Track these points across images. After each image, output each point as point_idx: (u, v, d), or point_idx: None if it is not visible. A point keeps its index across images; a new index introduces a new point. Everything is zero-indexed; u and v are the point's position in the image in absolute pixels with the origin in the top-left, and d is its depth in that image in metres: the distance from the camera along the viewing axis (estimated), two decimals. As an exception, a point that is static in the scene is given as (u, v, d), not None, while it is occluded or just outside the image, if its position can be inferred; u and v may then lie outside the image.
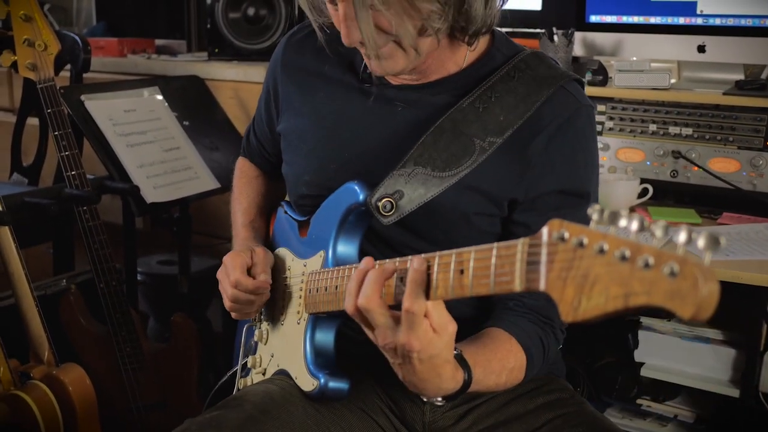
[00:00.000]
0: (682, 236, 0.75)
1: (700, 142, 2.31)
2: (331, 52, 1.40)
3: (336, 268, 1.27)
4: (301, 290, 1.36)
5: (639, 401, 2.17)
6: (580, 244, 0.80)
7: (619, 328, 2.13)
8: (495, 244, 0.94)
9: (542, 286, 0.85)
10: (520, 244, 0.90)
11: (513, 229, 1.31)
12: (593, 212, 0.81)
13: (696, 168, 2.29)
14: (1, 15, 2.02)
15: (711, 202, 2.32)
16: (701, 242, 0.74)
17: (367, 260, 1.10)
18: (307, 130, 1.42)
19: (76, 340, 2.24)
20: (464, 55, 1.31)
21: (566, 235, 0.83)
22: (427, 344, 1.03)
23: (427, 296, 1.02)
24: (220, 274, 1.41)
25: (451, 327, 1.05)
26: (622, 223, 0.78)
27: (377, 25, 1.17)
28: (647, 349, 2.13)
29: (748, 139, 2.25)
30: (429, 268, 1.03)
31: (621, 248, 0.76)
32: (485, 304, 1.34)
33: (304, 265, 1.37)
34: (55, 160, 2.60)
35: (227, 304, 1.40)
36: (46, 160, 2.58)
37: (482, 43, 1.33)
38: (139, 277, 2.62)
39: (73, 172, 2.09)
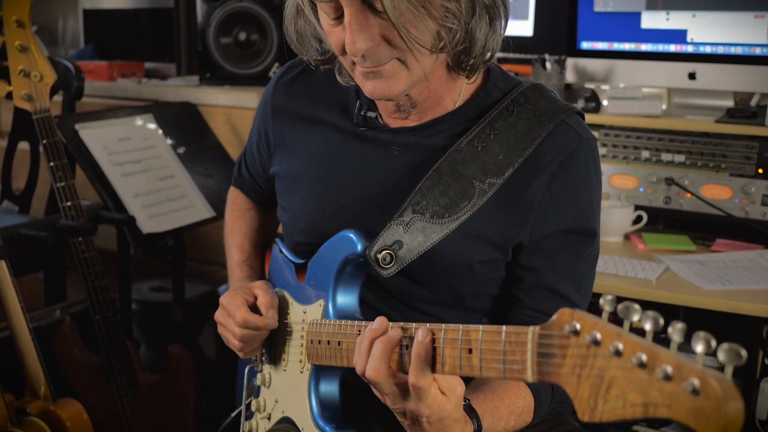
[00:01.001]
0: (700, 347, 0.70)
1: (693, 169, 2.33)
2: (323, 93, 1.37)
3: (338, 321, 1.24)
4: (302, 338, 1.33)
5: (635, 427, 2.17)
6: (594, 342, 0.77)
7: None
8: (504, 328, 0.92)
9: (556, 379, 0.82)
10: (530, 333, 0.88)
11: (520, 274, 1.28)
12: (605, 303, 0.79)
13: (689, 195, 2.32)
14: (-4, 46, 2.00)
15: (704, 228, 2.35)
16: (722, 355, 0.69)
17: (380, 321, 1.08)
18: (301, 175, 1.39)
19: (71, 372, 2.21)
20: (460, 90, 1.27)
21: (578, 327, 0.80)
22: (437, 409, 1.02)
23: (434, 369, 1.01)
24: (220, 317, 1.38)
25: (460, 389, 1.04)
26: (635, 317, 0.75)
27: (385, 37, 1.12)
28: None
29: (739, 167, 2.28)
30: (435, 340, 1.01)
31: (638, 353, 0.72)
32: None
33: (304, 312, 1.34)
34: (45, 186, 2.59)
35: (235, 344, 1.38)
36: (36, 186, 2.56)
37: (478, 78, 1.28)
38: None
39: (68, 203, 2.07)
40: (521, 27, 2.73)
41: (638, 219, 2.32)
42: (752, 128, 2.23)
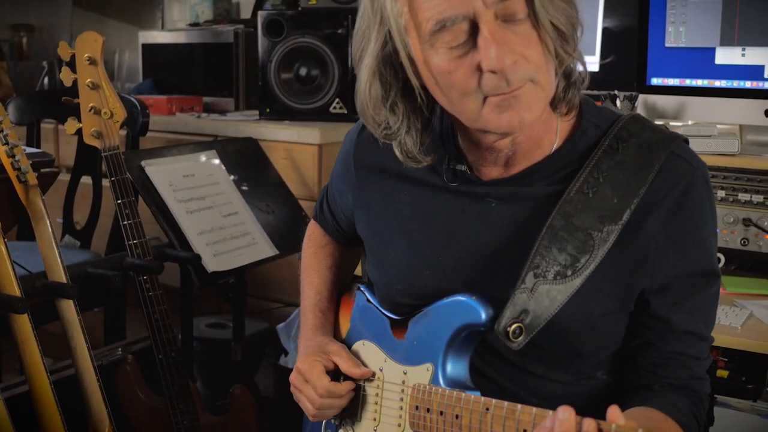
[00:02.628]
0: None
1: (772, 209, 2.25)
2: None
3: (453, 391, 1.18)
4: (402, 401, 1.27)
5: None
6: None
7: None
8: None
9: None
10: None
11: (652, 324, 1.21)
12: None
13: (768, 236, 2.23)
14: (67, 82, 2.00)
15: (784, 271, 2.26)
16: None
17: (566, 412, 0.95)
18: (391, 235, 1.32)
19: (132, 412, 2.18)
20: (556, 130, 1.19)
21: None
22: None
23: None
24: (296, 382, 1.35)
25: None
26: None
27: (521, 53, 1.05)
28: (723, 427, 2.05)
29: (821, 207, 2.19)
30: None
31: None
32: (618, 390, 1.26)
33: (405, 373, 1.28)
34: (105, 220, 2.59)
35: (311, 411, 1.34)
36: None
37: (571, 116, 1.20)
38: (190, 342, 2.57)
39: (135, 241, 2.05)
40: (588, 62, 2.67)
41: (715, 261, 2.24)
42: (836, 168, 2.14)
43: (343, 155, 1.42)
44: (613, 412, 0.93)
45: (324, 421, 1.44)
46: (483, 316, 1.17)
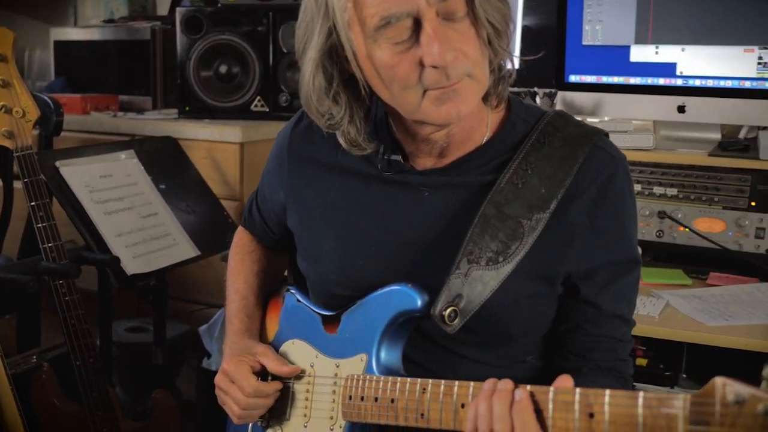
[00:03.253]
0: None
1: (686, 202, 2.32)
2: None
3: (388, 378, 1.19)
4: (334, 393, 1.27)
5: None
6: (767, 413, 0.77)
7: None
8: (641, 393, 0.90)
9: None
10: (681, 400, 0.86)
11: (582, 307, 1.25)
12: (767, 373, 0.79)
13: (682, 228, 2.30)
14: (-25, 80, 1.92)
15: (698, 262, 2.32)
16: None
17: (506, 383, 1.04)
18: (324, 227, 1.33)
19: (49, 421, 2.11)
20: (487, 123, 1.24)
21: (742, 397, 0.79)
22: None
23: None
24: (222, 383, 1.34)
25: None
26: None
27: (460, 49, 1.10)
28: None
29: (732, 200, 2.27)
30: (538, 403, 0.99)
31: None
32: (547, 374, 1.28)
33: (337, 366, 1.28)
34: (16, 224, 2.50)
35: (236, 412, 1.32)
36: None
37: (500, 111, 1.26)
38: (108, 347, 2.50)
39: (50, 244, 1.98)
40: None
41: (633, 253, 2.29)
42: (745, 161, 2.22)
43: (276, 152, 1.42)
44: (565, 379, 1.02)
45: (250, 424, 1.41)
46: (419, 302, 1.19)
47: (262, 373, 1.34)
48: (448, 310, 1.17)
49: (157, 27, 3.19)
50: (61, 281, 2.00)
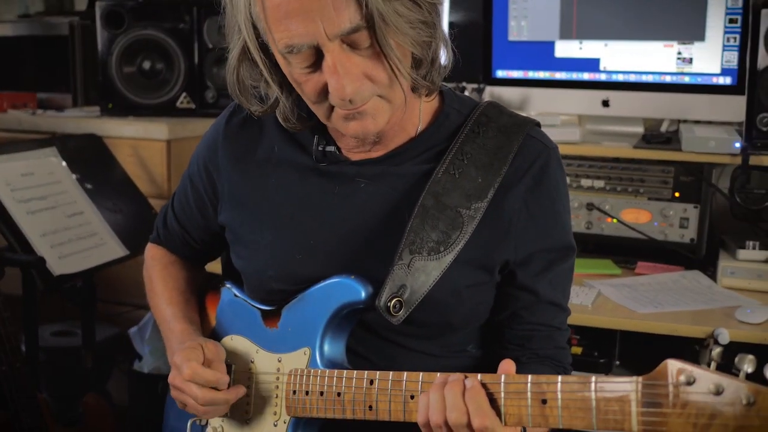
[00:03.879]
0: None
1: (612, 194, 2.38)
2: (277, 131, 1.29)
3: (333, 371, 1.18)
4: (277, 389, 1.25)
5: None
6: (717, 392, 0.79)
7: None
8: (593, 378, 0.92)
9: (666, 430, 0.83)
10: (633, 383, 0.88)
11: (518, 294, 1.26)
12: (714, 352, 0.80)
13: (610, 219, 2.36)
14: None
15: (625, 252, 2.39)
16: None
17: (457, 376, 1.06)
18: (261, 222, 1.30)
19: (-27, 429, 2.02)
20: (419, 113, 1.24)
21: (693, 377, 0.81)
22: None
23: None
24: (175, 380, 1.25)
25: None
26: (750, 368, 0.78)
27: (366, 74, 1.09)
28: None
29: (657, 191, 2.34)
30: (486, 386, 1.01)
31: None
32: (487, 363, 1.28)
33: (279, 360, 1.26)
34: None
35: (199, 409, 1.25)
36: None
37: (433, 102, 1.26)
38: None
39: (-30, 246, 1.90)
40: (435, 56, 2.72)
41: (563, 244, 2.34)
42: (668, 153, 2.29)
43: (208, 144, 1.38)
44: (508, 364, 1.03)
45: (189, 423, 1.37)
46: (363, 294, 1.18)
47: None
48: (393, 301, 1.16)
49: (75, 22, 3.09)
50: (-17, 284, 1.92)
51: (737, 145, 2.20)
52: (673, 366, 0.83)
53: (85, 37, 3.09)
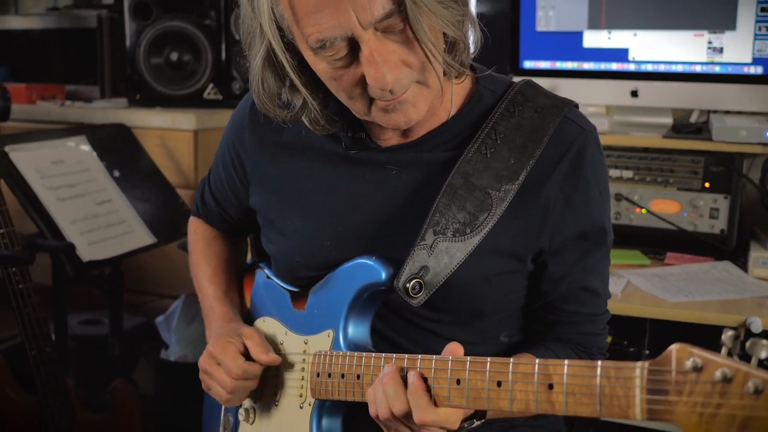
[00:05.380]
0: None
1: (641, 184, 2.35)
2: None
3: (354, 353, 1.16)
4: (303, 371, 1.25)
5: None
6: (724, 379, 0.74)
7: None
8: (599, 362, 0.88)
9: (671, 418, 0.78)
10: (638, 369, 0.83)
11: (550, 284, 1.23)
12: (726, 339, 0.76)
13: (638, 210, 2.34)
14: None
15: (654, 243, 2.36)
16: None
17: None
18: (290, 208, 1.29)
19: (3, 413, 2.03)
20: (450, 96, 1.20)
21: (700, 364, 0.76)
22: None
23: (500, 405, 0.98)
24: (207, 365, 1.28)
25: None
26: (763, 354, 0.74)
27: (403, 60, 1.06)
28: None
29: (687, 181, 2.31)
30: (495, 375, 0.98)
31: None
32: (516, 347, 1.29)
33: (305, 343, 1.25)
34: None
35: (223, 395, 1.28)
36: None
37: (466, 81, 1.22)
38: (62, 341, 2.42)
39: (1, 231, 1.91)
40: (462, 46, 2.71)
41: (591, 235, 2.32)
42: (698, 143, 2.26)
43: (237, 126, 1.36)
44: (454, 346, 1.04)
45: (223, 405, 1.38)
46: (383, 275, 1.16)
47: (247, 356, 1.29)
48: (412, 282, 1.14)
49: (103, 14, 3.12)
50: (14, 269, 1.93)
51: (769, 134, 2.17)
52: (680, 351, 0.78)
53: (113, 30, 3.12)
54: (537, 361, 0.94)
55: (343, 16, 1.01)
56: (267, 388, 1.31)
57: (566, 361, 0.91)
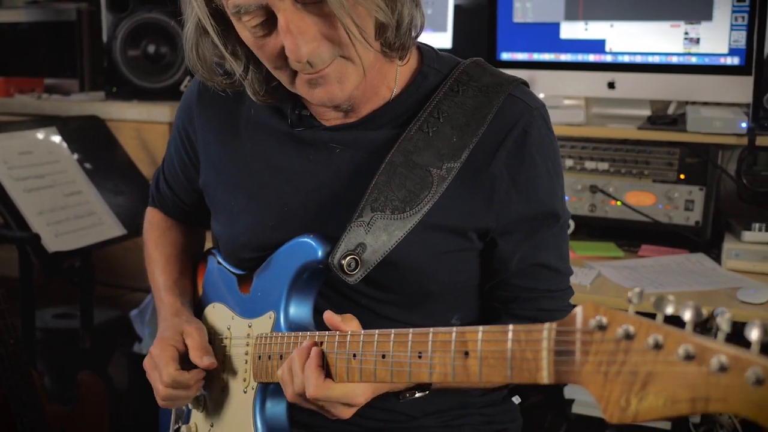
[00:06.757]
0: (754, 333, 0.63)
1: (617, 176, 2.34)
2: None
3: (292, 333, 1.15)
4: (246, 354, 1.23)
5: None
6: (627, 336, 0.70)
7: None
8: (510, 326, 0.85)
9: (576, 379, 0.75)
10: (546, 330, 0.81)
11: (501, 263, 1.21)
12: (633, 296, 0.73)
13: (613, 202, 2.32)
14: None
15: (629, 235, 2.35)
16: None
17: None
18: (236, 187, 1.27)
19: (-31, 406, 2.02)
20: (395, 76, 1.19)
21: (605, 321, 0.73)
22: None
23: (420, 377, 0.96)
24: (148, 366, 1.27)
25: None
26: (669, 310, 0.70)
27: (325, 35, 1.04)
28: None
29: (662, 173, 2.29)
30: (393, 344, 0.97)
31: (683, 345, 0.66)
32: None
33: (249, 326, 1.24)
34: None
35: (160, 401, 1.27)
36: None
37: (411, 61, 1.20)
38: (34, 334, 2.41)
39: (-36, 221, 1.90)
40: (440, 39, 2.70)
41: (565, 227, 2.30)
42: (673, 134, 2.25)
43: (185, 106, 1.36)
44: (329, 314, 1.06)
45: None
46: (319, 252, 1.14)
47: (187, 357, 1.26)
48: (347, 259, 1.12)
49: (83, 7, 3.11)
50: (-23, 260, 1.92)
51: (743, 125, 2.15)
52: (587, 310, 0.75)
53: (92, 23, 3.10)
54: (455, 329, 0.92)
55: None
56: (216, 375, 1.30)
57: (480, 327, 0.89)
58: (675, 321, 0.70)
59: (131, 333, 2.57)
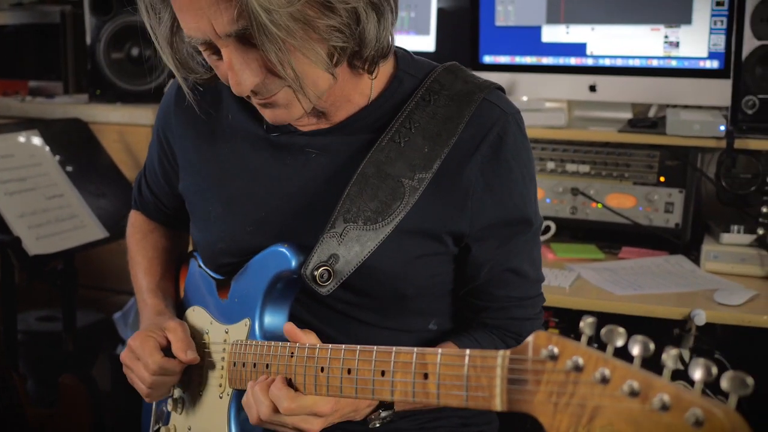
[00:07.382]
0: (698, 373, 0.64)
1: (597, 178, 2.35)
2: (232, 98, 1.25)
3: (264, 342, 1.15)
4: (223, 360, 1.24)
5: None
6: (576, 368, 0.70)
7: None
8: (467, 351, 0.85)
9: (528, 408, 0.75)
10: (500, 357, 0.80)
11: (475, 269, 1.22)
12: (585, 326, 0.73)
13: (594, 204, 2.33)
14: None
15: (610, 237, 2.37)
16: (726, 383, 0.63)
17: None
18: (213, 192, 1.28)
19: (-51, 409, 2.02)
20: (369, 85, 1.18)
21: (556, 352, 0.73)
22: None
23: (382, 394, 0.97)
24: (127, 360, 1.28)
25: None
26: (619, 342, 0.70)
27: (269, 69, 1.05)
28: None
29: (642, 175, 2.31)
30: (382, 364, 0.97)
31: (628, 380, 0.66)
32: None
33: (226, 332, 1.25)
34: None
35: (143, 390, 1.27)
36: None
37: (387, 67, 1.20)
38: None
39: (-56, 225, 1.90)
40: (423, 42, 2.70)
41: (546, 229, 2.32)
42: (653, 137, 2.26)
43: (163, 111, 1.36)
44: (290, 328, 1.09)
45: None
46: (293, 263, 1.15)
47: (168, 350, 1.27)
48: (320, 270, 1.13)
49: (67, 10, 3.10)
50: (-42, 263, 1.92)
51: (722, 128, 2.17)
52: (538, 338, 0.75)
53: (76, 25, 3.10)
54: (415, 350, 0.92)
55: (202, 21, 1.01)
56: (194, 378, 1.31)
57: (439, 350, 0.90)
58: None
59: (114, 336, 2.56)
